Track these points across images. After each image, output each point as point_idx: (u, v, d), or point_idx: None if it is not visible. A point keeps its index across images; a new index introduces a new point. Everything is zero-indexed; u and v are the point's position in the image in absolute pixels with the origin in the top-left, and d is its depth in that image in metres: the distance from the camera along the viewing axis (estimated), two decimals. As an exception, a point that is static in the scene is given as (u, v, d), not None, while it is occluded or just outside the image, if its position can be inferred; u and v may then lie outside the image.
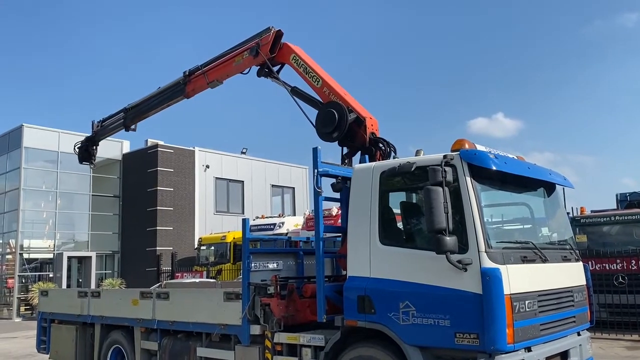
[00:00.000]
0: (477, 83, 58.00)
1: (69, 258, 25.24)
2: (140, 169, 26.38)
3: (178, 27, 61.28)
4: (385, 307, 5.21)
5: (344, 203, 6.29)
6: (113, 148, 26.66)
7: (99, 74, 61.42)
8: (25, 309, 23.91)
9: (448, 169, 4.85)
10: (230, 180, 28.39)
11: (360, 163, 6.59)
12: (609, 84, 51.61)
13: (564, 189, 6.50)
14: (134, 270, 25.33)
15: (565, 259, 5.76)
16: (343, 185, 6.32)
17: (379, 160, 6.44)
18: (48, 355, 10.00)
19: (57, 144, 25.21)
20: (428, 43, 59.26)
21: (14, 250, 24.72)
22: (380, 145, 6.76)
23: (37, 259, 25.72)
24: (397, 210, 5.68)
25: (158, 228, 25.20)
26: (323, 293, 5.79)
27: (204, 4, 61.31)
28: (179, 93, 9.60)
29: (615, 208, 15.93)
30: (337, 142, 7.04)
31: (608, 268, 12.54)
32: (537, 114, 56.20)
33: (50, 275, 25.03)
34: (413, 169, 5.23)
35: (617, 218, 13.48)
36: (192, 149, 27.24)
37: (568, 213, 9.66)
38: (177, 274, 21.37)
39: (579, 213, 14.10)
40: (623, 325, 12.03)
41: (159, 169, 25.65)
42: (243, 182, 28.85)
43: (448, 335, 4.80)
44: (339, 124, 6.83)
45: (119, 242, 27.31)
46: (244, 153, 29.86)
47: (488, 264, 4.70)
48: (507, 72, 56.18)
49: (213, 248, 22.30)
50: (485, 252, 4.74)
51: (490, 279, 4.63)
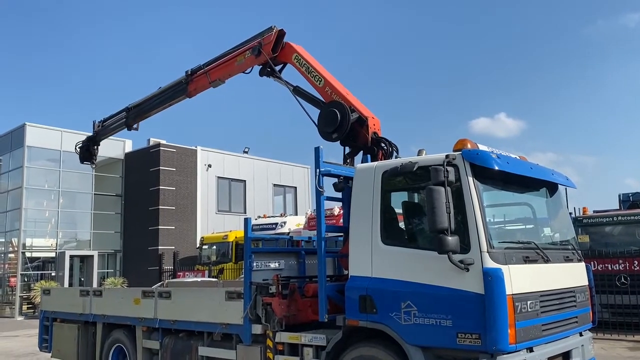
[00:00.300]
0: (479, 83, 57.98)
1: (71, 257, 25.32)
2: (143, 168, 26.42)
3: (179, 26, 61.37)
4: (387, 307, 5.20)
5: (346, 203, 6.28)
6: (115, 147, 26.70)
7: (101, 74, 61.57)
8: (28, 308, 23.99)
9: (450, 169, 4.84)
10: (232, 180, 28.41)
11: (362, 163, 6.57)
12: (612, 84, 51.58)
13: (567, 189, 6.49)
14: (136, 270, 25.37)
15: (568, 260, 5.75)
16: (345, 185, 6.31)
17: (381, 160, 6.43)
18: (50, 354, 10.04)
19: (59, 143, 25.27)
20: (430, 42, 59.26)
21: (17, 249, 24.78)
22: (383, 145, 6.74)
23: (39, 258, 25.79)
24: (398, 210, 5.68)
25: (160, 227, 25.25)
26: (325, 292, 5.79)
27: (205, 4, 61.37)
28: (181, 92, 9.61)
29: (618, 208, 15.89)
30: (339, 141, 7.02)
31: (610, 268, 12.53)
32: (539, 114, 56.16)
33: (53, 274, 25.11)
34: (415, 169, 5.22)
35: (619, 218, 13.45)
36: (194, 148, 27.26)
37: (570, 213, 9.64)
38: (179, 273, 21.40)
39: (582, 213, 14.07)
40: (625, 326, 12.02)
41: (161, 168, 25.69)
42: (245, 181, 28.87)
43: (450, 336, 4.79)
44: (341, 124, 6.81)
45: (121, 241, 27.36)
46: (246, 152, 29.89)
47: (490, 264, 4.69)
48: (509, 72, 56.15)
49: (215, 247, 22.32)
50: (487, 252, 4.73)
51: (492, 279, 4.62)
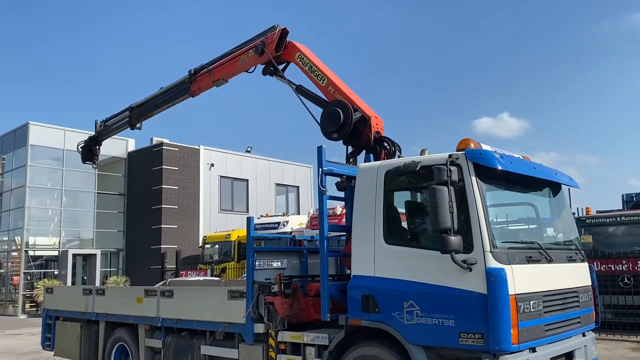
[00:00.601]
0: (482, 82, 57.89)
1: (74, 255, 25.37)
2: (145, 167, 26.45)
3: (184, 25, 61.43)
4: (390, 306, 5.20)
5: (349, 202, 6.28)
6: (118, 146, 26.73)
7: (105, 72, 61.67)
8: (31, 306, 24.03)
9: (453, 169, 4.83)
10: (235, 179, 28.42)
11: (365, 162, 6.57)
12: (615, 84, 51.45)
13: (570, 189, 6.47)
14: (139, 268, 25.41)
15: (571, 260, 5.73)
16: (348, 184, 6.31)
17: (384, 160, 6.42)
18: (53, 352, 10.05)
19: (62, 142, 25.32)
20: (432, 42, 59.18)
21: (20, 248, 24.84)
22: (385, 145, 6.73)
23: (42, 257, 25.82)
24: (401, 210, 5.67)
25: (163, 226, 25.27)
26: (327, 292, 5.79)
27: (209, 4, 61.42)
28: (184, 92, 9.61)
29: (621, 209, 15.84)
30: (341, 141, 7.02)
31: (613, 269, 12.50)
32: (542, 114, 56.03)
33: (55, 273, 25.16)
34: (418, 168, 5.21)
35: (622, 219, 13.41)
36: (197, 148, 27.28)
37: (573, 213, 9.61)
38: (181, 272, 21.43)
39: (585, 213, 14.02)
40: (628, 327, 11.99)
41: (164, 167, 25.71)
42: (247, 180, 28.88)
43: (452, 335, 4.78)
44: (344, 123, 6.81)
45: (124, 240, 27.40)
46: (249, 152, 29.91)
47: (493, 264, 4.68)
48: (512, 71, 56.05)
49: (217, 246, 22.34)
50: (490, 252, 4.72)
51: (495, 279, 4.62)
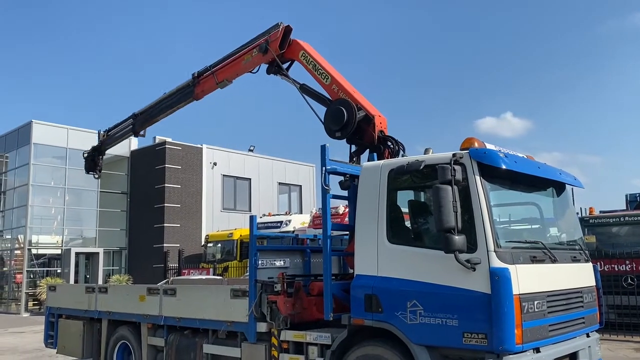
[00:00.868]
0: (485, 82, 57.78)
1: (77, 254, 25.37)
2: (148, 166, 26.47)
3: (185, 25, 61.45)
4: (393, 306, 5.18)
5: (352, 201, 6.27)
6: (121, 145, 26.34)
7: (108, 71, 61.74)
8: (34, 304, 24.08)
9: (457, 168, 4.81)
10: (238, 178, 28.43)
11: (369, 161, 6.55)
12: (619, 84, 51.29)
13: (573, 189, 6.44)
14: (141, 267, 25.43)
15: (575, 260, 5.71)
16: (351, 183, 6.30)
17: (388, 159, 6.40)
18: (55, 350, 10.05)
19: (65, 141, 25.36)
20: (436, 41, 59.09)
21: (23, 246, 24.88)
22: (389, 144, 6.72)
23: (45, 255, 25.87)
24: (405, 209, 5.65)
25: (165, 225, 25.29)
26: (330, 291, 5.77)
27: (213, 4, 61.43)
28: (188, 95, 9.59)
29: (625, 209, 15.79)
30: (345, 140, 7.01)
31: (617, 269, 12.46)
32: (546, 114, 55.91)
33: (58, 271, 25.20)
34: (422, 167, 5.19)
35: (626, 219, 13.35)
36: (199, 146, 27.29)
37: (577, 213, 9.56)
38: (183, 271, 21.45)
39: (588, 213, 13.98)
40: (632, 327, 11.95)
41: (167, 166, 25.73)
42: (250, 179, 28.88)
43: (456, 335, 4.76)
44: (348, 122, 6.79)
45: (127, 238, 27.43)
46: (252, 151, 29.90)
47: (497, 264, 4.66)
48: (515, 71, 55.94)
49: (220, 245, 22.34)
50: (494, 251, 4.70)
51: (499, 279, 4.60)
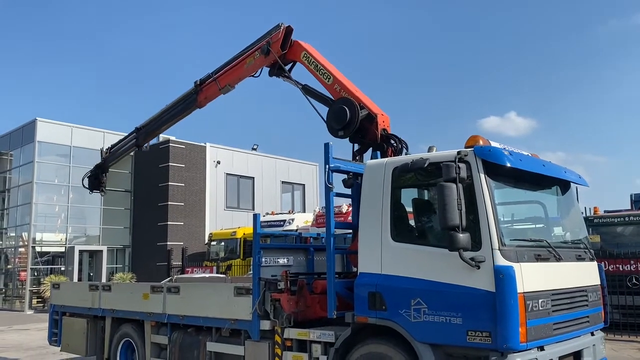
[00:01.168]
0: (489, 81, 57.66)
1: (81, 252, 25.47)
2: (152, 164, 26.50)
3: (191, 24, 61.50)
4: (397, 304, 5.17)
5: (355, 199, 6.25)
6: (125, 143, 26.74)
7: (112, 70, 61.85)
8: (38, 302, 24.17)
9: (462, 165, 4.80)
10: (241, 177, 28.46)
11: (372, 159, 6.54)
12: (624, 84, 51.10)
13: (577, 189, 6.41)
14: (145, 265, 25.49)
15: (580, 258, 5.69)
16: (354, 181, 6.29)
17: (391, 157, 6.38)
18: (59, 348, 10.08)
19: (69, 139, 25.47)
20: (440, 40, 58.99)
21: (27, 243, 24.98)
22: (392, 142, 6.71)
23: (49, 252, 25.96)
24: (408, 207, 5.63)
25: (169, 223, 25.34)
26: (334, 289, 5.77)
27: (216, 3, 61.47)
28: (191, 104, 9.57)
29: (630, 208, 15.73)
30: (348, 138, 7.00)
31: (622, 269, 12.40)
32: (550, 113, 55.76)
33: (62, 269, 25.26)
34: (426, 165, 5.17)
35: (631, 218, 13.30)
36: (203, 145, 27.32)
37: (581, 213, 9.52)
38: (187, 269, 21.49)
39: (593, 213, 13.93)
40: (636, 327, 11.89)
41: (171, 164, 25.77)
42: (253, 178, 28.90)
43: (460, 333, 4.75)
44: (351, 120, 6.79)
45: (130, 236, 27.49)
46: (255, 149, 29.92)
47: (501, 262, 4.65)
48: (520, 70, 55.79)
49: (223, 243, 22.39)
50: (499, 249, 4.69)
51: (504, 277, 4.58)
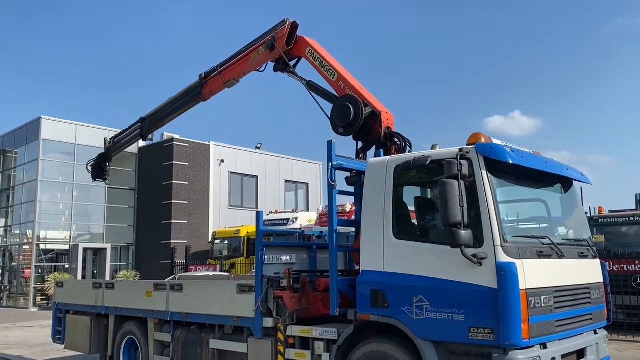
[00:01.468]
0: (493, 80, 57.51)
1: (85, 250, 25.57)
2: (156, 163, 26.58)
3: (195, 23, 61.56)
4: (399, 301, 5.18)
5: (358, 197, 6.26)
6: (129, 141, 26.80)
7: (117, 69, 62.00)
8: (42, 299, 24.28)
9: (464, 162, 4.80)
10: (245, 175, 28.50)
11: (375, 157, 6.53)
12: (629, 83, 50.87)
13: (581, 188, 6.39)
14: (148, 263, 25.56)
15: (582, 256, 5.68)
16: (357, 179, 6.30)
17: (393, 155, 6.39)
18: (63, 345, 10.11)
19: (74, 137, 25.55)
20: (444, 39, 58.87)
21: (31, 241, 25.08)
22: (396, 140, 6.71)
23: (53, 250, 26.07)
24: (411, 205, 5.64)
25: (173, 221, 25.39)
26: (336, 286, 5.77)
27: (219, 3, 61.50)
28: (196, 96, 9.62)
29: (635, 208, 15.64)
30: (351, 136, 7.00)
31: (626, 269, 12.34)
32: (555, 113, 55.58)
33: (66, 267, 25.38)
34: (428, 163, 5.17)
35: (636, 218, 13.23)
36: (207, 144, 27.36)
37: (586, 213, 9.48)
38: (190, 267, 21.51)
39: (597, 213, 13.87)
40: (640, 327, 11.85)
41: (175, 163, 25.82)
42: (257, 177, 28.94)
43: (462, 330, 4.76)
44: (355, 118, 6.79)
45: (134, 234, 27.57)
46: (259, 148, 29.95)
47: (504, 259, 4.65)
48: (524, 69, 55.62)
49: (227, 242, 22.40)
50: (501, 246, 4.69)
51: (506, 274, 4.58)
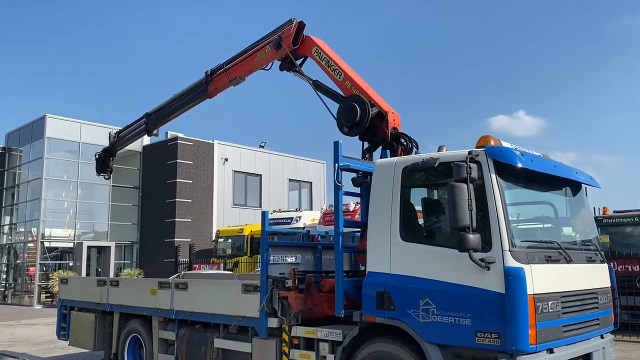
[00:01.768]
0: (498, 80, 57.37)
1: (89, 247, 25.63)
2: (160, 161, 26.61)
3: (198, 23, 61.60)
4: (405, 303, 5.15)
5: (364, 198, 6.23)
6: (134, 139, 26.83)
7: (121, 66, 62.07)
8: (46, 297, 24.35)
9: (473, 165, 4.77)
10: (249, 174, 28.50)
11: (382, 158, 6.50)
12: (634, 83, 50.66)
13: (586, 189, 6.36)
14: (152, 261, 25.60)
15: (590, 260, 5.64)
16: (364, 180, 6.27)
17: (401, 156, 6.35)
18: (68, 342, 10.15)
19: (78, 135, 25.61)
20: (448, 39, 58.74)
21: (36, 239, 25.15)
22: (402, 141, 6.68)
23: (57, 248, 26.16)
24: (418, 207, 5.61)
25: (176, 220, 25.42)
26: (342, 288, 5.75)
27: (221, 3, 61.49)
28: (202, 93, 9.61)
29: (639, 209, 15.59)
30: (358, 136, 6.97)
31: (631, 270, 12.31)
32: (560, 113, 55.41)
33: (70, 264, 25.44)
34: (437, 165, 5.14)
35: (640, 219, 13.20)
36: (211, 142, 27.38)
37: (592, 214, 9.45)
38: (194, 266, 21.55)
39: (602, 213, 13.83)
40: (645, 329, 11.80)
41: (179, 161, 25.84)
42: (261, 175, 28.94)
43: (468, 334, 4.73)
44: (361, 118, 6.76)
45: (138, 232, 27.61)
46: (263, 147, 29.94)
47: (512, 263, 4.61)
48: (529, 69, 55.45)
49: (230, 240, 22.42)
50: (509, 251, 4.65)
51: (514, 279, 4.55)
